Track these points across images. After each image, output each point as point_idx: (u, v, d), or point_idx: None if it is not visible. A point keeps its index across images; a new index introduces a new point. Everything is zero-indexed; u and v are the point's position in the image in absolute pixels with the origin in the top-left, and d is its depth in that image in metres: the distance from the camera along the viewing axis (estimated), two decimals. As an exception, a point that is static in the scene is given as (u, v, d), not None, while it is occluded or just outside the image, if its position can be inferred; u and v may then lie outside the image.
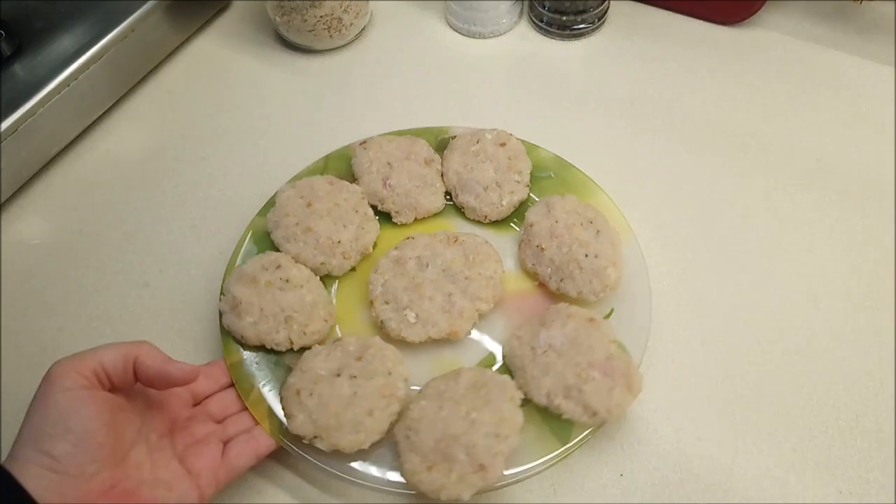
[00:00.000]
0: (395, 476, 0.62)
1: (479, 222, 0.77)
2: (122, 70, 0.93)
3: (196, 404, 0.65)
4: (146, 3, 0.92)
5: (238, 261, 0.74)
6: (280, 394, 0.65)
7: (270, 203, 0.76)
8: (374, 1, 1.02)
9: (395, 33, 1.01)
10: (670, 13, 1.00)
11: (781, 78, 0.92)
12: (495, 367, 0.68)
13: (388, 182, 0.77)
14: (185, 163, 0.88)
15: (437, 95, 0.93)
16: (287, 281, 0.69)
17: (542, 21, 0.98)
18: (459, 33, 1.00)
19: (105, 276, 0.79)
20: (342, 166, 0.80)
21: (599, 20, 0.98)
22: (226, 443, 0.63)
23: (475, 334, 0.71)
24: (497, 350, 0.70)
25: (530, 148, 0.80)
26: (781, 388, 0.68)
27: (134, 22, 0.91)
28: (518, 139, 0.80)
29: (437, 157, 0.80)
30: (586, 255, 0.68)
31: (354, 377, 0.63)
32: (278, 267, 0.70)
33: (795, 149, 0.84)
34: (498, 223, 0.77)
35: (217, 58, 1.00)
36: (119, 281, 0.79)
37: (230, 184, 0.86)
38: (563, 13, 0.96)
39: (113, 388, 0.58)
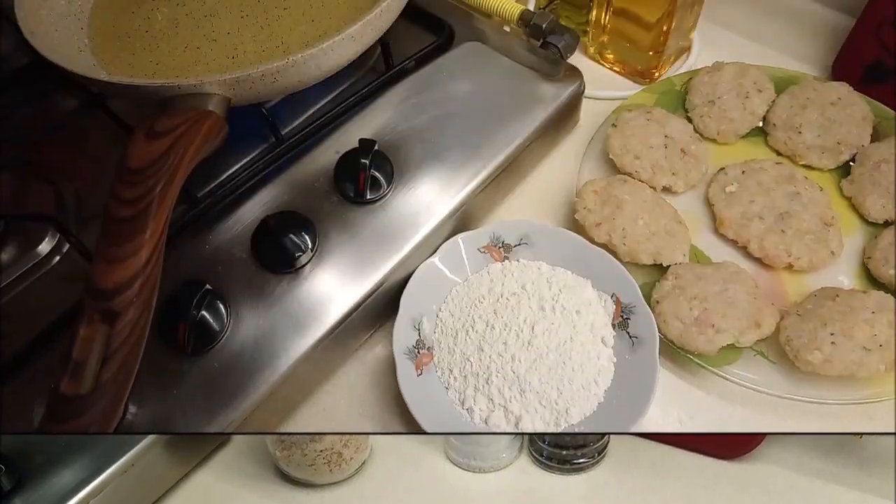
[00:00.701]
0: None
1: None
2: (123, 505, 1.02)
3: None
4: (146, 437, 1.02)
5: None
6: None
7: None
8: (373, 435, 1.14)
9: (395, 467, 1.13)
10: (670, 447, 1.11)
11: (782, 512, 1.01)
12: None
13: None
14: None
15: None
16: None
17: (542, 455, 1.10)
18: (459, 467, 1.11)
19: None
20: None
21: (599, 454, 1.10)
22: None
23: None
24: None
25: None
26: None
27: (134, 456, 1.00)
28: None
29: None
30: None
31: None
32: None
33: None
34: None
35: (217, 492, 1.11)
36: None
37: None
38: (563, 447, 1.08)
39: None
